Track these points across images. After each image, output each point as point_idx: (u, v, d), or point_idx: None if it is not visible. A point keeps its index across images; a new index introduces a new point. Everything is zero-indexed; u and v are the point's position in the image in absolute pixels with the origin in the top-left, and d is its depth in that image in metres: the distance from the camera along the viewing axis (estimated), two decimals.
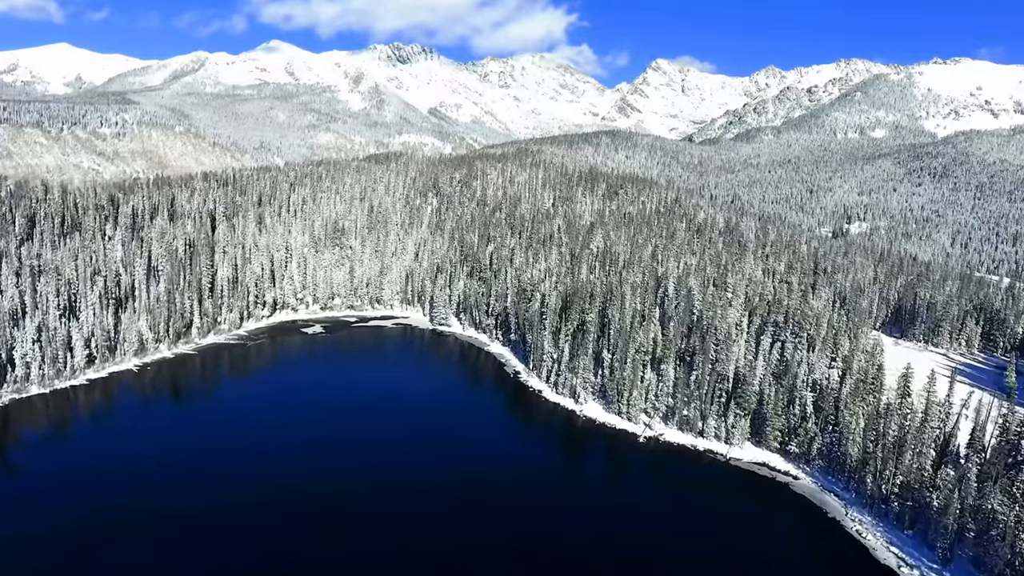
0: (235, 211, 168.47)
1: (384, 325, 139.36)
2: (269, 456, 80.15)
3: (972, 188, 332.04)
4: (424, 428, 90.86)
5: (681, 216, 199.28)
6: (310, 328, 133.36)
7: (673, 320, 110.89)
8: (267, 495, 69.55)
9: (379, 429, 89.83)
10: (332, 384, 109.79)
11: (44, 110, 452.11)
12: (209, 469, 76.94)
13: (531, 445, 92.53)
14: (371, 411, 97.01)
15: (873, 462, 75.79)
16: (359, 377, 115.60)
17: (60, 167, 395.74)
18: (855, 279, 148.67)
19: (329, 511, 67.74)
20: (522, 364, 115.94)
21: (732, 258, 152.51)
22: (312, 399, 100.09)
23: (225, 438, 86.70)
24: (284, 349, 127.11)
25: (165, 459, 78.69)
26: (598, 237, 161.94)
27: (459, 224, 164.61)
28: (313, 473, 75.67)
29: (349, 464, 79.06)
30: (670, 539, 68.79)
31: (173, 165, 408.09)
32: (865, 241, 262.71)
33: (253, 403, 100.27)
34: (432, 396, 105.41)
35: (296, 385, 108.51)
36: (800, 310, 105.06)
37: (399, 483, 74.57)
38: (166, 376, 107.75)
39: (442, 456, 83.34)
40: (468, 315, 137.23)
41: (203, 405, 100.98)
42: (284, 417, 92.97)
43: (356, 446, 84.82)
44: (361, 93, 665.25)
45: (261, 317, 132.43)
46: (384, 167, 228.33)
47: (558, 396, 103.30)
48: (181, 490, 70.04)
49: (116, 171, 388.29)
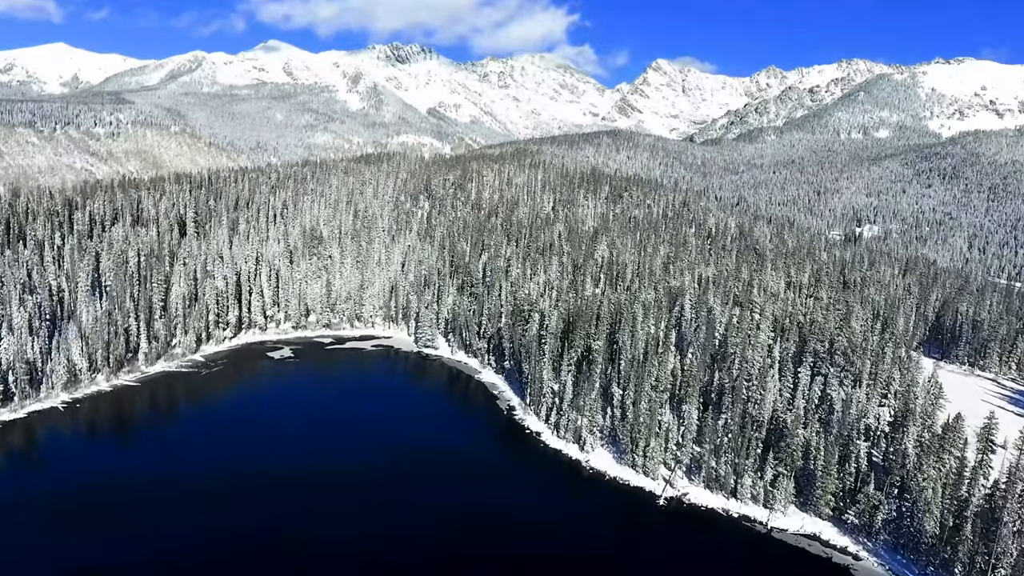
0: (209, 216, 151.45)
1: (363, 347, 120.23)
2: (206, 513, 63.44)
3: (985, 190, 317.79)
4: (397, 481, 73.00)
5: (690, 221, 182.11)
6: (278, 352, 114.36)
7: (693, 346, 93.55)
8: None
9: (342, 483, 71.87)
10: (287, 426, 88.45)
11: (37, 109, 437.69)
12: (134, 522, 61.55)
13: (524, 508, 72.10)
14: (332, 461, 77.81)
15: (963, 545, 58.60)
16: (323, 416, 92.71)
17: (52, 167, 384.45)
18: (889, 293, 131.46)
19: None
20: (517, 397, 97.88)
21: (751, 269, 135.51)
22: (256, 446, 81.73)
23: (148, 490, 68.75)
24: (242, 379, 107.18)
25: (83, 515, 62.74)
26: (602, 245, 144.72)
27: (451, 231, 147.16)
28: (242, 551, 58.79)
29: (296, 535, 61.87)
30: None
31: (168, 165, 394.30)
32: (880, 245, 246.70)
33: (189, 451, 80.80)
34: (409, 441, 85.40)
35: (245, 423, 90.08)
36: (843, 335, 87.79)
37: (363, 550, 58.11)
38: (97, 414, 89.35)
39: (421, 517, 66.09)
40: (457, 336, 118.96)
41: (132, 452, 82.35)
42: (222, 469, 75.21)
43: (307, 516, 66.07)
44: (359, 93, 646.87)
45: (223, 339, 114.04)
46: (375, 168, 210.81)
47: (560, 441, 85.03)
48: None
49: (110, 171, 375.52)
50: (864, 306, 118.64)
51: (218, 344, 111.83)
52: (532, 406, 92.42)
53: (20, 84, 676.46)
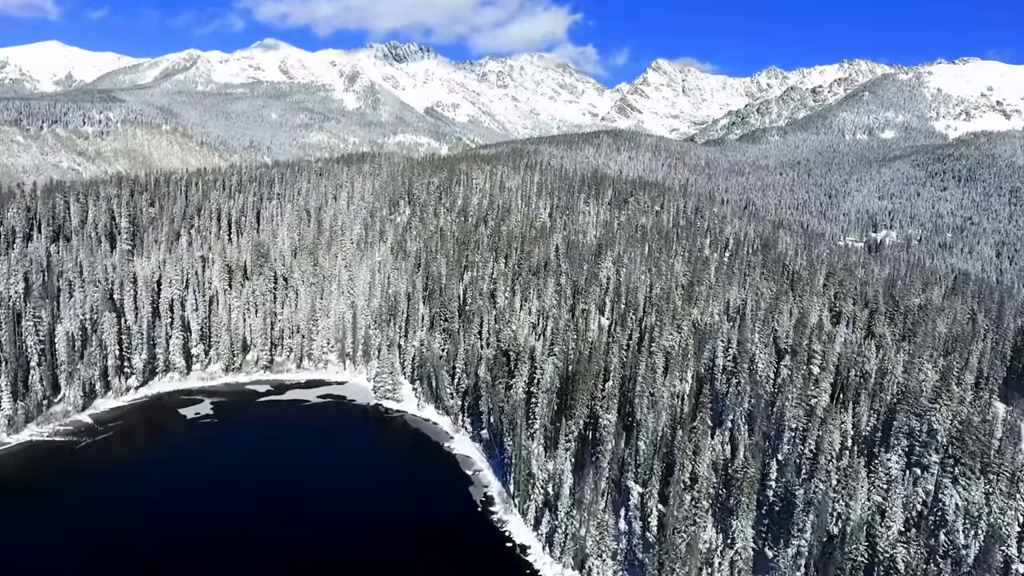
0: (149, 226, 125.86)
1: (307, 398, 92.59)
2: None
3: (1005, 193, 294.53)
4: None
5: (705, 230, 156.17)
6: (194, 407, 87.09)
7: (733, 412, 67.87)
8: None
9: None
10: (145, 548, 60.05)
11: (24, 107, 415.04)
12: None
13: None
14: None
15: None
16: (206, 526, 63.88)
17: (37, 167, 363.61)
18: (953, 325, 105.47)
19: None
20: (498, 481, 71.65)
21: (784, 292, 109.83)
22: None
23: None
24: (130, 455, 76.05)
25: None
26: (607, 261, 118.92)
27: (428, 244, 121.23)
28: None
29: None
30: None
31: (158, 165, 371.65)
32: (903, 253, 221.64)
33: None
34: (339, 560, 58.19)
35: (95, 539, 61.60)
36: (944, 404, 61.92)
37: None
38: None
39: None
40: (426, 385, 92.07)
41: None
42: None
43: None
44: (356, 92, 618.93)
45: (125, 390, 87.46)
46: (356, 169, 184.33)
47: (556, 564, 58.63)
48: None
49: (97, 171, 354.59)
50: (933, 343, 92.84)
51: (118, 397, 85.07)
52: (517, 498, 66.31)
53: (12, 82, 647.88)
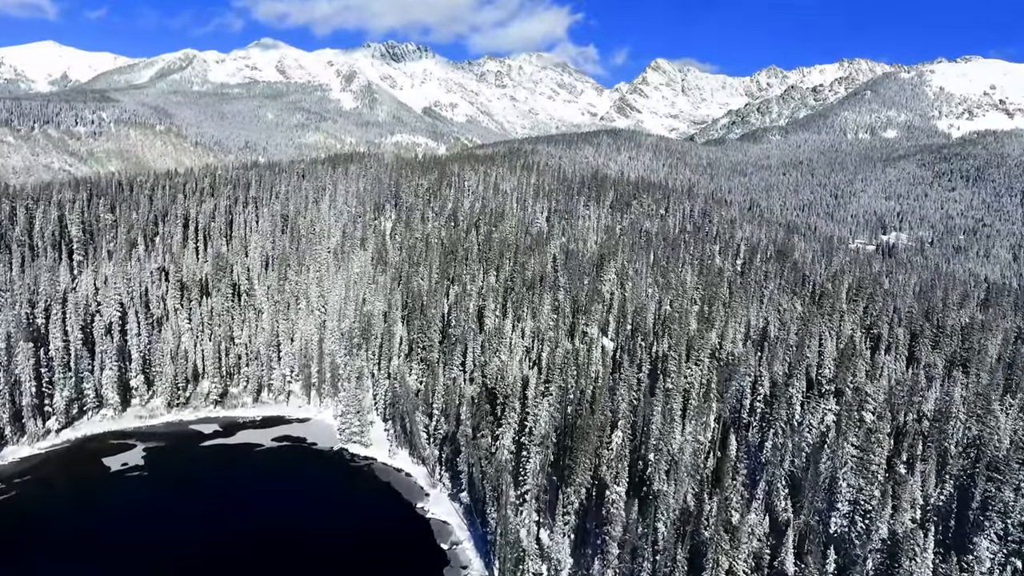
0: (108, 233, 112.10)
1: (260, 443, 76.76)
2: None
3: (1017, 194, 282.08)
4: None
5: (714, 236, 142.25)
6: (122, 456, 71.19)
7: (771, 475, 54.05)
8: None
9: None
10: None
11: (15, 107, 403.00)
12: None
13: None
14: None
15: None
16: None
17: (28, 168, 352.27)
18: (1004, 347, 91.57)
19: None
20: (480, 560, 56.80)
21: (810, 313, 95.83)
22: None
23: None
24: (29, 522, 59.79)
25: None
26: (611, 273, 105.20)
27: (411, 255, 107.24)
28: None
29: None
30: None
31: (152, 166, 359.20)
32: (919, 258, 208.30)
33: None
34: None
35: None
36: None
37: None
38: None
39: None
40: (400, 426, 77.22)
41: None
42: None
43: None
44: (353, 92, 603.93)
45: (43, 434, 72.87)
46: (342, 170, 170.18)
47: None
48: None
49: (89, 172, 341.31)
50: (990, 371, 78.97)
51: (34, 443, 70.47)
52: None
53: (7, 82, 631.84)
